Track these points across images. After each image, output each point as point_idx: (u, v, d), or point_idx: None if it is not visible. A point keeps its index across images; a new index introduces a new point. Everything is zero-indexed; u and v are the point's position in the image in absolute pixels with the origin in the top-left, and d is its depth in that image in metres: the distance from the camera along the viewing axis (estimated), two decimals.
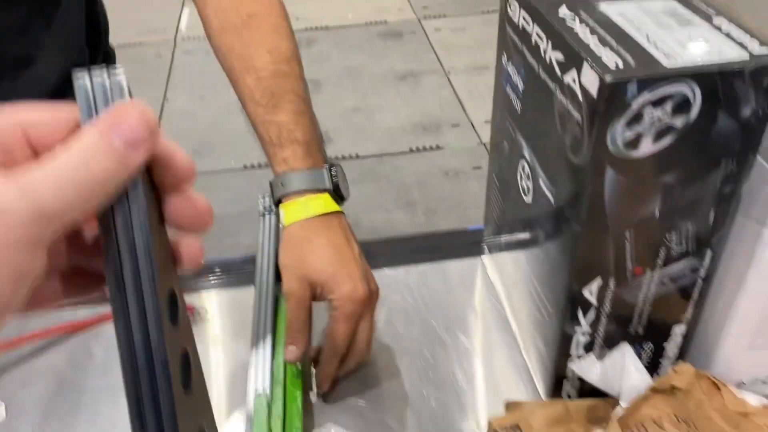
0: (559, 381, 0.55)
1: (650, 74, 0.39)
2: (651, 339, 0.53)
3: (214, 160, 2.37)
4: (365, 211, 2.02)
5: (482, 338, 0.64)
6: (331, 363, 0.57)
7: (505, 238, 0.64)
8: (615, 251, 0.47)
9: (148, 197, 0.27)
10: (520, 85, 0.53)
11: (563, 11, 0.46)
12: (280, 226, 0.59)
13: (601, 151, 0.41)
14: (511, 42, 0.54)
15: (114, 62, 0.85)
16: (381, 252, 0.72)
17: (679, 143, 0.42)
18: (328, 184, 0.59)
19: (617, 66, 0.40)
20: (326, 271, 0.55)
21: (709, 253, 0.48)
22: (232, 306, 0.68)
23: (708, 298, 0.51)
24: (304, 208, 0.58)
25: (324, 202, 0.58)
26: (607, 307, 0.50)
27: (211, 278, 0.71)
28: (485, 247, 0.71)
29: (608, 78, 0.39)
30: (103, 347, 0.63)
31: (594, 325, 0.51)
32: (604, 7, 0.47)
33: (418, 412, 0.57)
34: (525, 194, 0.55)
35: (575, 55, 0.42)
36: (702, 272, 0.49)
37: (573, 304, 0.50)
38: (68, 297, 0.29)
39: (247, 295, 0.65)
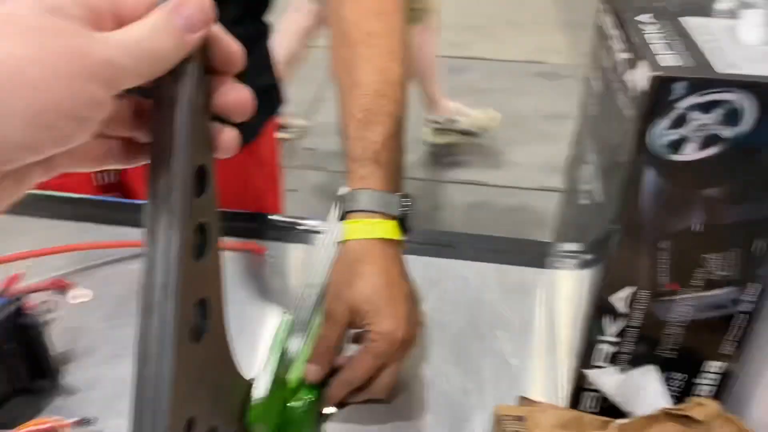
0: (579, 391, 0.54)
1: (701, 77, 0.39)
2: (682, 369, 0.51)
3: None
4: None
5: (521, 341, 0.64)
6: (342, 389, 0.56)
7: (566, 246, 0.64)
8: (649, 261, 0.46)
9: (199, 76, 0.32)
10: (597, 89, 0.54)
11: (644, 18, 0.47)
12: (335, 241, 0.58)
13: (641, 149, 0.41)
14: (596, 50, 0.55)
15: None
16: (451, 243, 0.75)
17: (726, 155, 0.41)
18: (397, 212, 0.57)
19: (670, 65, 0.40)
20: (372, 302, 0.53)
21: (755, 286, 0.46)
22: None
23: (751, 337, 0.48)
24: (369, 228, 0.56)
25: (389, 228, 0.57)
26: (636, 320, 0.49)
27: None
28: (553, 259, 0.71)
29: (656, 73, 0.39)
30: None
31: (620, 336, 0.50)
32: (687, 20, 0.46)
33: (436, 395, 0.58)
34: (584, 199, 0.55)
35: (638, 53, 0.42)
36: (745, 306, 0.47)
37: (600, 310, 0.49)
38: (114, 160, 0.34)
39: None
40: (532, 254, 0.74)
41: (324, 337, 0.55)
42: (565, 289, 0.64)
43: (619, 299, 0.48)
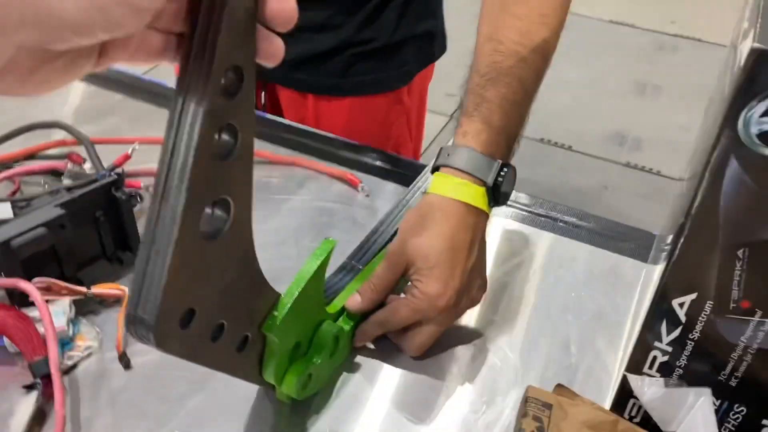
0: (624, 396, 0.49)
1: None
2: (746, 403, 0.44)
3: None
4: None
5: (589, 331, 0.59)
6: (374, 328, 0.55)
7: (667, 239, 0.57)
8: (721, 268, 0.39)
9: None
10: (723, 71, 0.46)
11: None
12: (422, 190, 0.57)
13: (729, 135, 0.35)
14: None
15: None
16: (550, 216, 0.71)
17: None
18: (489, 179, 0.54)
19: None
20: (428, 261, 0.52)
21: None
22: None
23: None
24: (453, 187, 0.54)
25: (475, 194, 0.53)
26: (696, 332, 0.43)
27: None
28: (655, 252, 0.64)
29: (758, 45, 0.33)
30: (284, 178, 0.73)
31: (676, 346, 0.44)
32: None
33: (479, 365, 0.56)
34: (684, 188, 0.49)
35: (753, 21, 0.36)
36: None
37: (658, 313, 0.43)
38: (169, 56, 0.34)
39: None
40: (636, 243, 0.67)
41: (377, 275, 0.54)
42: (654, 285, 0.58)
43: (680, 305, 0.42)
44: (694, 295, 0.41)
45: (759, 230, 0.37)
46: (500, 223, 0.70)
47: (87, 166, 0.65)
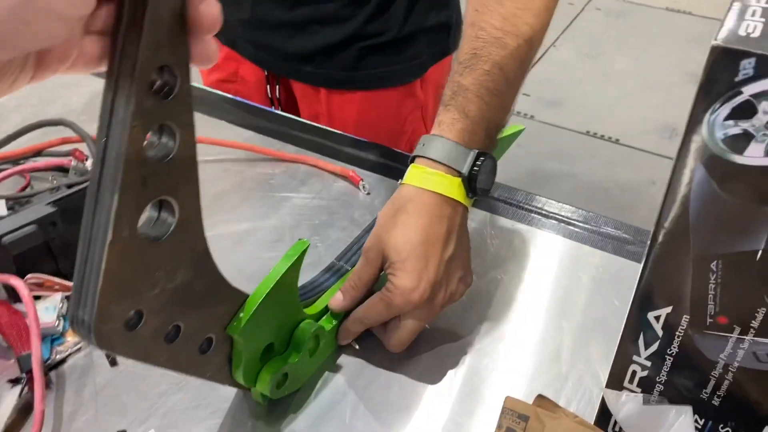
0: (607, 411, 0.46)
1: None
2: (730, 423, 0.41)
3: None
4: None
5: (584, 339, 0.57)
6: (354, 326, 0.54)
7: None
8: (695, 281, 0.37)
9: None
10: None
11: None
12: (399, 182, 0.55)
13: (692, 139, 0.33)
14: None
15: None
16: (563, 216, 0.68)
17: None
18: (464, 169, 0.52)
19: (746, 35, 0.30)
20: (400, 254, 0.51)
21: None
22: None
23: None
24: (426, 178, 0.52)
25: (449, 185, 0.52)
26: (675, 347, 0.40)
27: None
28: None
29: (720, 43, 0.30)
30: (286, 176, 0.73)
31: (656, 360, 0.41)
32: None
33: (463, 368, 0.55)
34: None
35: (727, 14, 0.33)
36: None
37: (635, 325, 0.41)
38: (98, 63, 0.33)
39: None
40: (644, 246, 0.64)
41: (356, 272, 0.54)
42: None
43: (656, 318, 0.40)
44: (669, 309, 0.39)
45: (731, 241, 0.34)
46: (500, 222, 0.68)
47: (90, 163, 0.67)
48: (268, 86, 0.93)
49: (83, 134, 0.68)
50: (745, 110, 0.30)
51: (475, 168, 0.52)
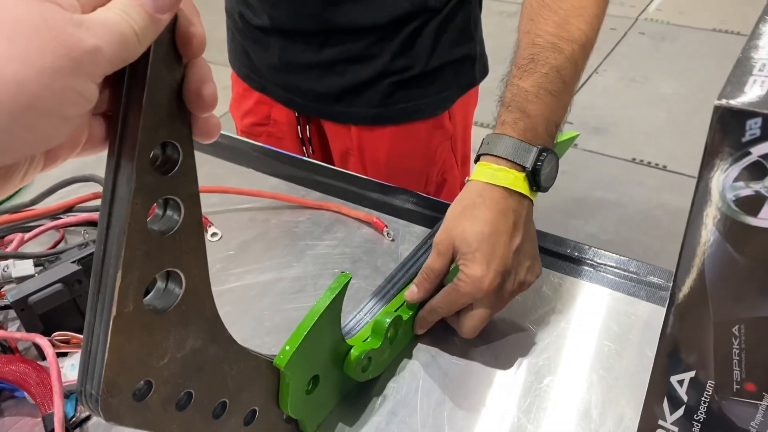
0: None
1: None
2: None
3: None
4: None
5: (614, 395, 0.54)
6: (430, 316, 0.57)
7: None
8: (717, 345, 0.35)
9: (164, 54, 0.31)
10: None
11: None
12: (466, 179, 0.59)
13: (703, 201, 0.31)
14: None
15: None
16: (596, 263, 0.66)
17: None
18: (528, 164, 0.55)
19: (756, 95, 0.28)
20: (470, 245, 0.54)
21: None
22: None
23: None
24: (493, 174, 0.55)
25: (514, 179, 0.55)
26: (701, 413, 0.38)
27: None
28: None
29: (725, 103, 0.28)
30: (310, 223, 0.73)
31: (682, 426, 0.39)
32: None
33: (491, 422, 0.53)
34: None
35: (734, 71, 0.31)
36: None
37: (659, 388, 0.39)
38: (104, 145, 0.33)
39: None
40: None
41: (428, 266, 0.56)
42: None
43: (680, 383, 0.37)
44: (692, 373, 0.37)
45: (753, 306, 0.32)
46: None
47: None
48: (299, 127, 0.94)
49: None
50: (756, 171, 0.29)
51: (538, 163, 0.55)
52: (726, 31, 3.00)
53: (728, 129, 0.28)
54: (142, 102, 0.31)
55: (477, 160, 0.58)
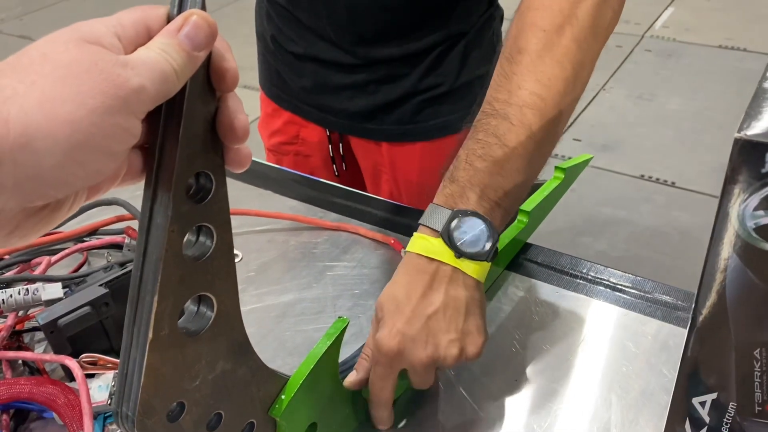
0: None
1: None
2: None
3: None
4: None
5: (633, 415, 0.55)
6: (378, 410, 0.54)
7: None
8: (739, 369, 0.35)
9: (200, 89, 0.33)
10: None
11: None
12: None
13: (723, 228, 0.32)
14: None
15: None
16: (611, 283, 0.67)
17: None
18: (438, 227, 0.53)
19: None
20: (383, 308, 0.52)
21: None
22: None
23: None
24: (413, 241, 0.54)
25: (429, 246, 0.53)
26: None
27: None
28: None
29: (745, 135, 0.30)
30: (329, 244, 0.74)
31: None
32: None
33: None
34: None
35: (751, 104, 0.32)
36: None
37: (681, 409, 0.40)
38: (141, 176, 0.35)
39: None
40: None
41: (368, 341, 0.54)
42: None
43: (701, 405, 0.38)
44: (714, 395, 0.37)
45: None
46: (544, 289, 0.67)
47: None
48: (330, 145, 0.96)
49: (135, 212, 0.71)
50: None
51: (451, 225, 0.53)
52: (732, 48, 3.01)
53: (748, 160, 0.30)
54: (178, 134, 0.32)
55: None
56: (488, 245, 0.53)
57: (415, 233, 0.55)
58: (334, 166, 0.98)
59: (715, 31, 3.15)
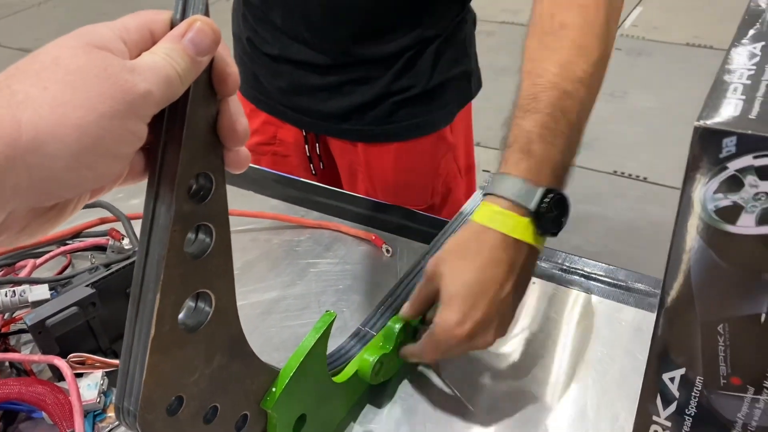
0: None
1: (759, 134, 0.31)
2: None
3: None
4: None
5: (609, 396, 0.57)
6: (413, 357, 0.57)
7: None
8: (704, 344, 0.38)
9: (202, 94, 0.34)
10: None
11: (750, 47, 0.38)
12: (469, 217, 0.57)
13: (687, 213, 0.34)
14: None
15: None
16: (586, 273, 0.70)
17: None
18: (531, 206, 0.52)
19: (730, 115, 0.32)
20: (450, 290, 0.52)
21: None
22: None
23: None
24: (492, 217, 0.53)
25: (514, 224, 0.52)
26: (692, 408, 0.41)
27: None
28: None
29: (703, 123, 0.32)
30: (311, 242, 0.75)
31: (675, 421, 0.42)
32: None
33: (489, 424, 0.56)
34: None
35: (710, 94, 0.35)
36: None
37: (652, 386, 0.42)
38: (143, 176, 0.36)
39: None
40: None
41: (417, 291, 0.57)
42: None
43: (671, 380, 0.41)
44: (683, 370, 0.40)
45: (735, 306, 0.35)
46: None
47: (126, 242, 0.70)
48: (307, 146, 0.98)
49: (119, 214, 0.72)
50: (733, 184, 0.32)
51: (543, 205, 0.52)
52: (699, 45, 3.08)
53: (707, 147, 0.32)
54: (181, 137, 0.34)
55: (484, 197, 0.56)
56: (564, 223, 0.54)
57: (491, 204, 0.53)
58: (312, 165, 1.00)
59: (683, 29, 3.22)
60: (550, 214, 0.52)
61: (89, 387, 0.58)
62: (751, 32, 0.39)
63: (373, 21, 0.84)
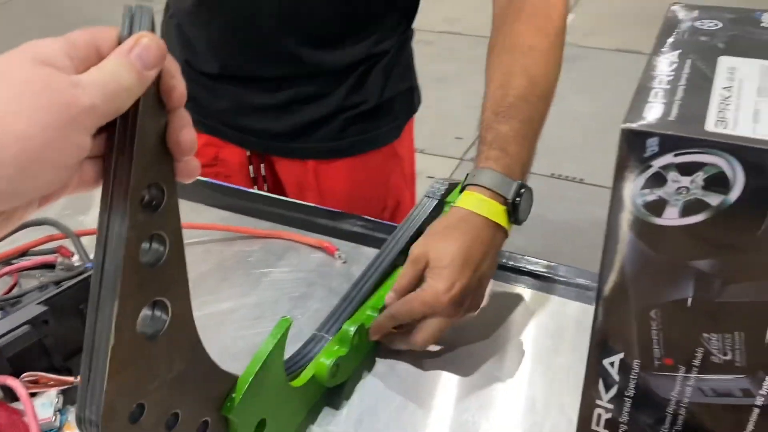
0: None
1: (678, 135, 0.34)
2: None
3: None
4: None
5: (556, 388, 0.60)
6: (387, 321, 0.61)
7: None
8: (639, 329, 0.41)
9: (151, 106, 0.35)
10: None
11: (668, 54, 0.41)
12: (448, 206, 0.66)
13: (618, 208, 0.37)
14: None
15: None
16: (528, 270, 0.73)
17: (714, 225, 0.35)
18: (509, 196, 0.62)
19: (653, 117, 0.35)
20: (441, 262, 0.59)
21: None
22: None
23: None
24: (478, 203, 0.61)
25: (496, 212, 0.61)
26: (631, 389, 0.44)
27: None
28: None
29: (628, 125, 0.35)
30: (264, 252, 0.76)
31: (616, 403, 0.45)
32: (726, 60, 0.40)
33: (442, 419, 0.58)
34: None
35: (635, 97, 0.38)
36: (759, 400, 0.40)
37: (594, 371, 0.45)
38: (94, 184, 0.37)
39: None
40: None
41: (403, 274, 0.62)
42: None
43: (611, 365, 0.44)
44: (621, 355, 0.43)
45: (665, 292, 0.39)
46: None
47: (75, 258, 0.70)
48: (251, 166, 0.98)
49: (67, 231, 0.71)
50: (657, 180, 0.35)
51: (518, 197, 0.62)
52: (627, 51, 3.21)
53: (633, 147, 0.35)
54: (132, 148, 0.35)
55: (463, 189, 0.64)
56: (528, 214, 0.65)
57: (476, 193, 0.62)
58: (255, 186, 1.00)
59: (610, 36, 3.35)
60: (521, 205, 0.62)
61: (44, 406, 0.57)
62: (670, 40, 0.43)
63: (325, 28, 0.85)
